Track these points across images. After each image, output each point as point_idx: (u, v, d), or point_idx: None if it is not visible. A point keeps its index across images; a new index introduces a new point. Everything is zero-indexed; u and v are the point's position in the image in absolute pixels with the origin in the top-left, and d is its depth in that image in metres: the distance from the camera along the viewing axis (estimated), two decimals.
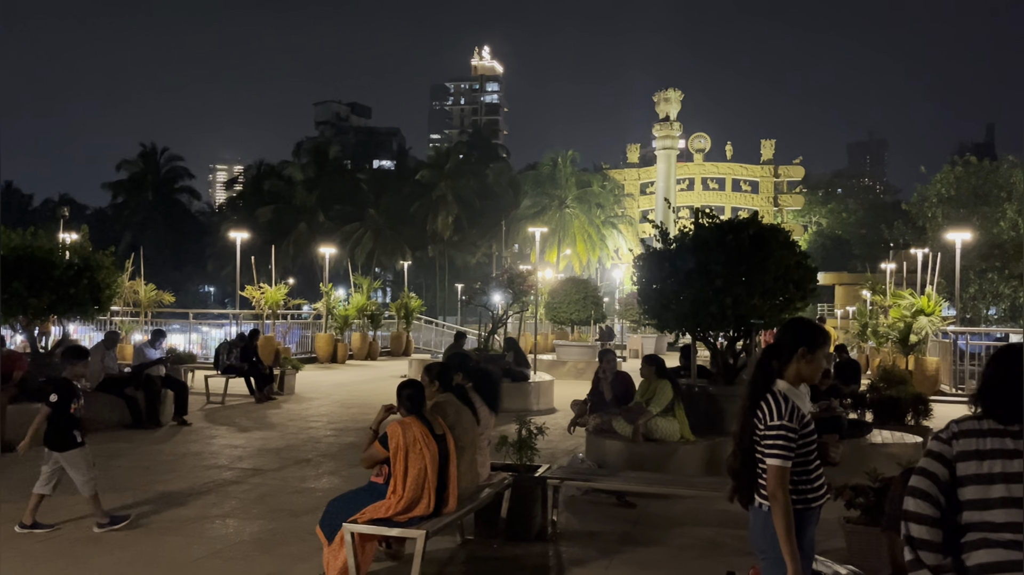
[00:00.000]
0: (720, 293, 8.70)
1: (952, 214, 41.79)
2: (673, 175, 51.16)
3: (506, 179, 62.38)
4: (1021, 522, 2.59)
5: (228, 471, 8.98)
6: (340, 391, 17.20)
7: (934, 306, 18.70)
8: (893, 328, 19.17)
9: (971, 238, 32.24)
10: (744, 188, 54.69)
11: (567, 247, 53.72)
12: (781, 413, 3.21)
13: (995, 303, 42.63)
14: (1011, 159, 44.70)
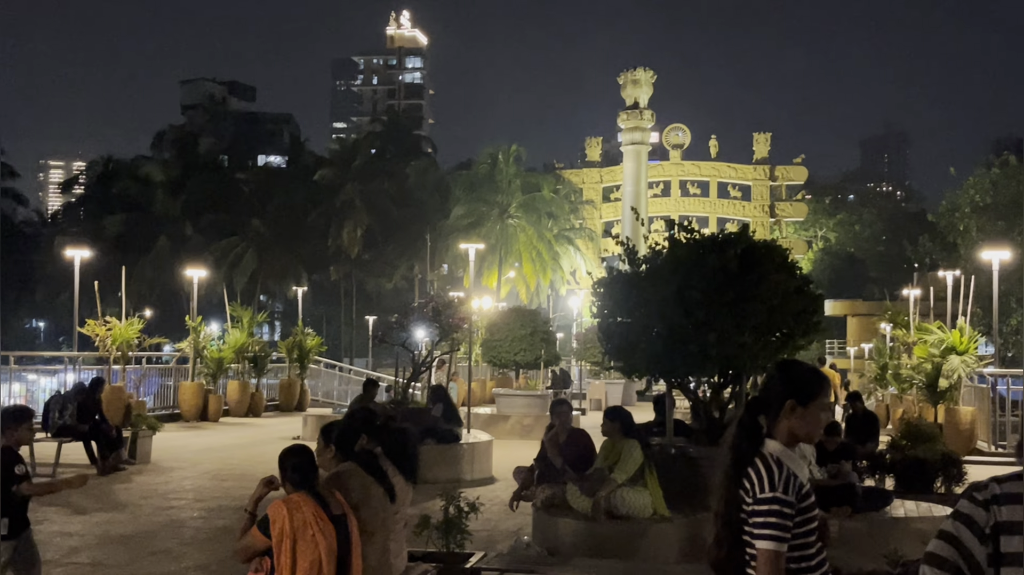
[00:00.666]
0: (701, 328, 8.82)
1: (988, 227, 43.32)
2: (644, 177, 52.01)
3: (432, 181, 62.59)
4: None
5: (58, 568, 8.72)
6: (211, 458, 16.88)
7: (968, 342, 19.26)
8: (919, 371, 19.69)
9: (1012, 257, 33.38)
10: (733, 194, 55.91)
11: (511, 268, 54.05)
12: (774, 483, 3.22)
13: None
14: None
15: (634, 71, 51.21)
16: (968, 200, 46.59)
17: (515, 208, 54.43)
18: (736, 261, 9.02)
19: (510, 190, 54.78)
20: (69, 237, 48.66)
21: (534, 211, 54.33)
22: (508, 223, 54.27)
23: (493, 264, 53.15)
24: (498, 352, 26.38)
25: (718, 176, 55.79)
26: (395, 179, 63.39)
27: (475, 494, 7.97)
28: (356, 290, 64.91)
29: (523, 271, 54.12)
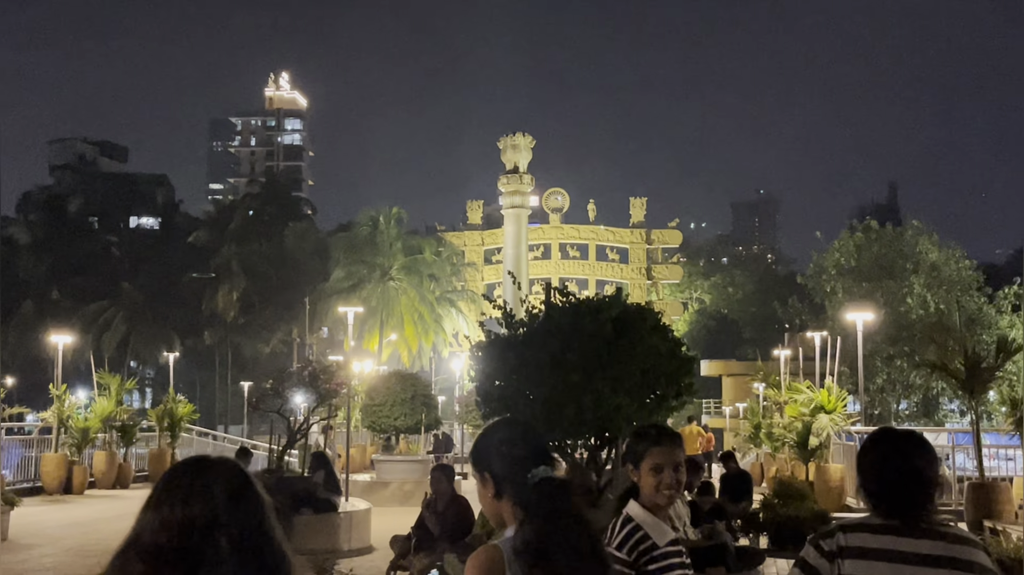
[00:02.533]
0: (578, 391, 8.92)
1: (853, 289, 45.09)
2: (524, 239, 52.62)
3: (311, 243, 62.04)
4: None
5: None
6: (74, 534, 16.18)
7: (836, 401, 19.96)
8: (790, 429, 20.26)
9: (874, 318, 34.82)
10: (611, 256, 57.05)
11: (392, 331, 53.68)
12: (611, 539, 3.32)
13: (906, 395, 46.06)
14: (917, 224, 49.02)
15: (513, 136, 52.03)
16: (834, 263, 48.38)
17: (397, 270, 54.33)
18: (611, 325, 9.19)
19: (391, 252, 54.68)
20: None
21: (416, 273, 54.30)
22: (389, 285, 54.06)
23: (374, 327, 52.68)
24: (378, 417, 26.05)
25: (596, 239, 56.89)
26: (273, 241, 62.62)
27: (351, 565, 7.84)
28: (232, 355, 63.43)
29: (405, 334, 53.83)
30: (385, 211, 56.36)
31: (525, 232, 52.83)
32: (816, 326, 35.55)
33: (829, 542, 2.94)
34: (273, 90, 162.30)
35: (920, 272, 46.15)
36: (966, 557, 2.82)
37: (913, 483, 2.95)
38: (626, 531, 3.32)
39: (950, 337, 19.88)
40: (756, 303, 62.07)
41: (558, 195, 57.45)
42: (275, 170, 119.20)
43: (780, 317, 51.09)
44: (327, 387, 16.49)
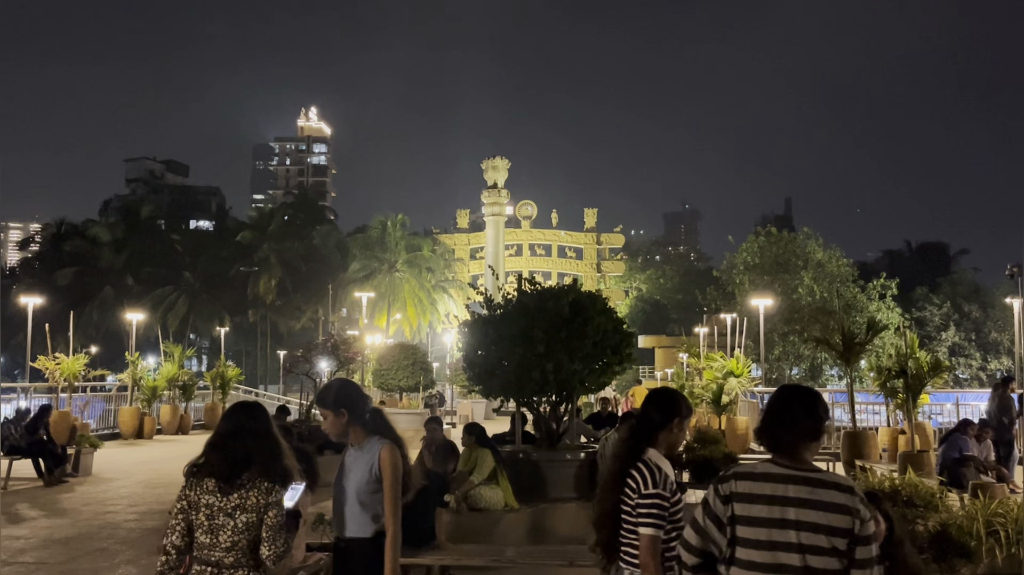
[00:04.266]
0: (542, 359, 8.93)
1: (757, 281, 45.35)
2: (501, 241, 52.46)
3: (333, 242, 61.55)
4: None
5: (6, 567, 8.07)
6: (145, 470, 16.00)
7: (742, 368, 20.05)
8: (707, 389, 20.35)
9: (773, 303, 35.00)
10: (569, 254, 57.00)
11: (397, 311, 53.47)
12: (656, 481, 3.25)
13: (797, 363, 46.42)
14: (806, 231, 49.43)
15: (494, 159, 51.79)
16: (742, 260, 48.64)
17: (401, 264, 54.06)
18: (568, 307, 9.19)
19: (397, 250, 54.40)
20: (24, 287, 45.60)
21: (416, 266, 54.05)
22: (395, 276, 53.81)
23: (383, 308, 52.51)
24: (385, 379, 26.00)
25: (558, 241, 56.81)
26: (304, 241, 62.09)
27: None
28: (270, 330, 62.92)
29: (407, 314, 53.62)
30: (392, 217, 56.06)
31: (502, 235, 52.67)
32: (728, 310, 35.73)
33: (725, 487, 2.83)
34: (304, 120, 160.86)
35: (809, 268, 46.45)
36: (832, 499, 2.70)
37: (787, 427, 2.82)
38: (663, 476, 3.28)
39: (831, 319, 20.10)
40: (682, 291, 62.24)
41: (528, 206, 57.29)
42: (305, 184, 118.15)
43: (700, 302, 51.28)
44: (346, 355, 16.44)
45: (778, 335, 44.14)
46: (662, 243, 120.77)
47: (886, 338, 32.12)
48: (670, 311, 61.52)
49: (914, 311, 49.05)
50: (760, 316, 24.06)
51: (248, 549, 3.32)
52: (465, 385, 27.37)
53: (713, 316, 38.78)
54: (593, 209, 57.74)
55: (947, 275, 54.25)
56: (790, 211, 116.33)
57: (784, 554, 2.71)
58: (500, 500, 8.28)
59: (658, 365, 50.37)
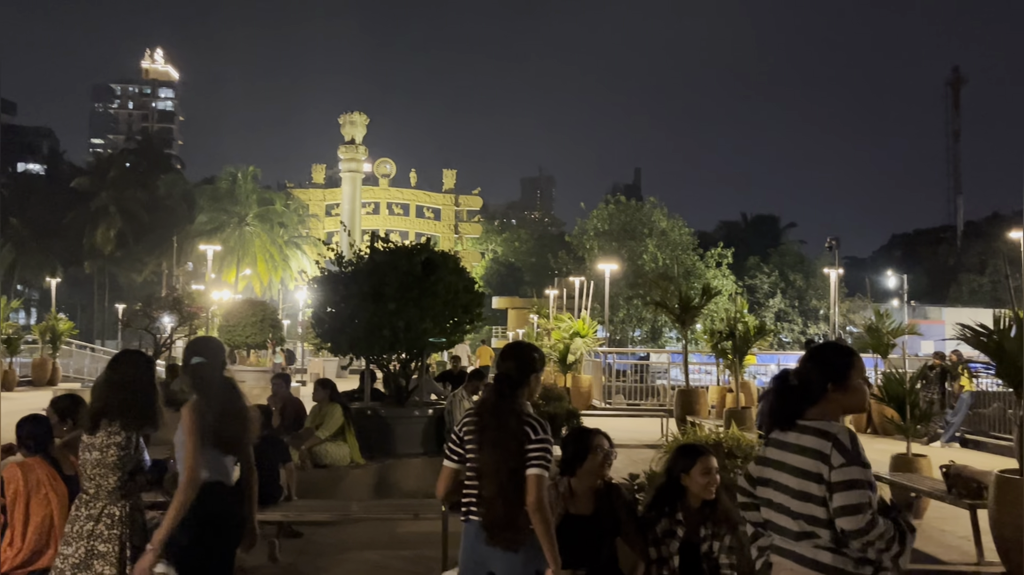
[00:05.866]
0: (393, 317, 8.87)
1: (606, 247, 46.82)
2: (358, 198, 51.42)
3: (180, 192, 58.22)
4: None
5: None
6: None
7: (588, 329, 20.71)
8: (555, 349, 20.89)
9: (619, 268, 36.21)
10: (428, 215, 56.64)
11: (247, 267, 51.46)
12: (544, 428, 3.41)
13: (639, 326, 48.47)
14: (653, 200, 51.41)
15: (352, 114, 50.41)
16: (593, 227, 50.02)
17: (252, 218, 51.89)
18: (420, 266, 9.15)
19: (248, 203, 52.14)
20: None
21: (268, 221, 52.05)
22: (245, 230, 51.62)
23: (232, 263, 50.37)
24: (232, 335, 25.02)
25: (416, 201, 56.26)
26: (147, 189, 58.37)
27: None
28: (109, 282, 59.10)
29: (258, 269, 51.69)
30: (243, 169, 53.59)
31: (359, 192, 51.61)
32: (578, 273, 36.70)
33: (759, 453, 3.06)
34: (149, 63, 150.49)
35: (653, 236, 48.36)
36: (807, 444, 2.80)
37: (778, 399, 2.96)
38: (547, 427, 3.45)
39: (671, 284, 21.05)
40: (535, 255, 63.29)
41: (387, 163, 56.27)
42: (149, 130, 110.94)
43: (552, 266, 52.38)
44: (189, 310, 15.70)
45: (623, 299, 45.82)
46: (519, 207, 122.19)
47: (720, 303, 34.04)
48: (524, 274, 62.51)
49: (746, 279, 52.20)
50: (606, 280, 24.88)
51: (106, 483, 3.71)
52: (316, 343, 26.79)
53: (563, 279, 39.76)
54: (452, 170, 57.53)
55: (776, 246, 57.98)
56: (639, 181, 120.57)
57: (771, 491, 2.90)
58: (346, 456, 8.23)
59: (511, 325, 51.21)
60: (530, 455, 3.32)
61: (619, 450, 4.48)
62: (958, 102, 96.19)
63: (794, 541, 2.84)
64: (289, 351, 31.00)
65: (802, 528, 2.82)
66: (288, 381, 9.58)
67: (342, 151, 50.83)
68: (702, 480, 3.96)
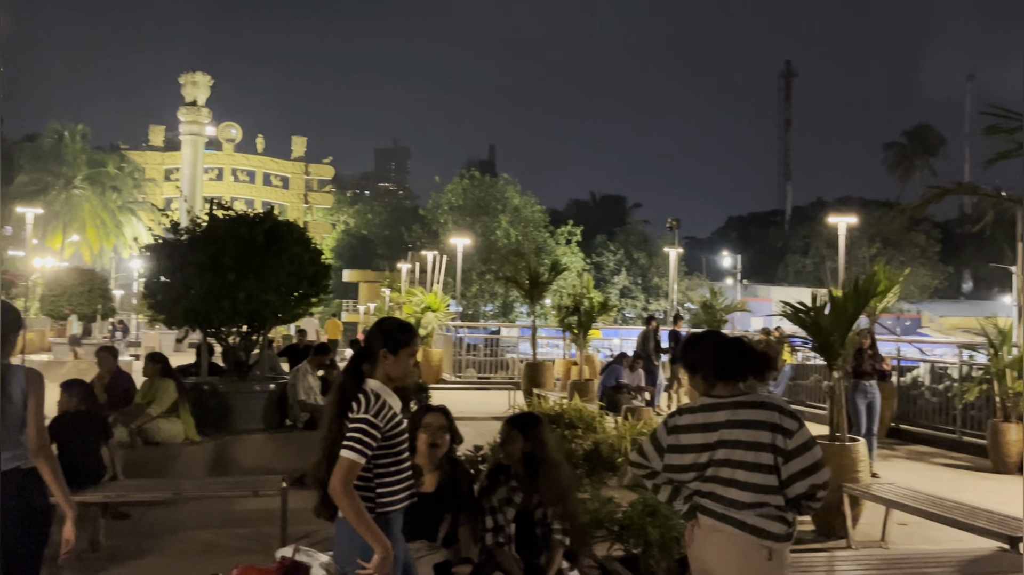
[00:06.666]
0: (232, 288, 8.51)
1: (460, 221, 46.95)
2: (200, 163, 48.89)
3: None
4: None
5: None
6: None
7: (440, 303, 20.77)
8: None
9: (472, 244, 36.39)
10: (275, 183, 54.63)
11: (75, 233, 47.82)
12: (368, 407, 3.12)
13: (491, 300, 49.04)
14: (506, 177, 52.00)
15: (194, 74, 47.68)
16: (447, 201, 50.02)
17: (80, 180, 48.08)
18: (263, 235, 8.82)
19: (76, 164, 48.21)
20: None
21: (99, 184, 48.39)
22: (73, 193, 47.78)
23: (57, 228, 46.59)
24: (56, 305, 23.26)
25: (264, 168, 54.13)
26: None
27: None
28: None
29: (87, 236, 48.08)
30: (71, 127, 49.49)
31: (201, 157, 49.02)
32: (431, 248, 36.62)
33: (671, 421, 3.19)
34: None
35: (507, 212, 48.93)
36: (754, 418, 3.05)
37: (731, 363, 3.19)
38: (379, 404, 3.14)
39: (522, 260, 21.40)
40: (389, 227, 62.53)
41: (232, 128, 53.71)
42: None
43: (406, 239, 52.00)
44: (5, 278, 14.41)
45: (476, 274, 46.16)
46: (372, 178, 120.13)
47: (569, 279, 34.97)
48: (377, 246, 61.69)
49: (594, 256, 53.87)
50: (459, 255, 24.98)
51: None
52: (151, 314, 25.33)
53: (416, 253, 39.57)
54: (302, 138, 55.71)
55: (623, 226, 60.11)
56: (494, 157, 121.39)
57: (715, 468, 3.05)
58: (180, 433, 7.86)
59: (362, 299, 50.52)
60: (347, 434, 3.11)
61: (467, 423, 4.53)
62: (789, 94, 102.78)
63: (738, 511, 3.02)
64: (122, 322, 29.18)
65: (752, 498, 3.00)
66: (115, 354, 9.00)
67: (183, 113, 48.08)
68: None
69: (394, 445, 3.17)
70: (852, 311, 6.95)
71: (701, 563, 3.13)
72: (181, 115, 48.28)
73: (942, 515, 5.83)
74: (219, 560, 5.78)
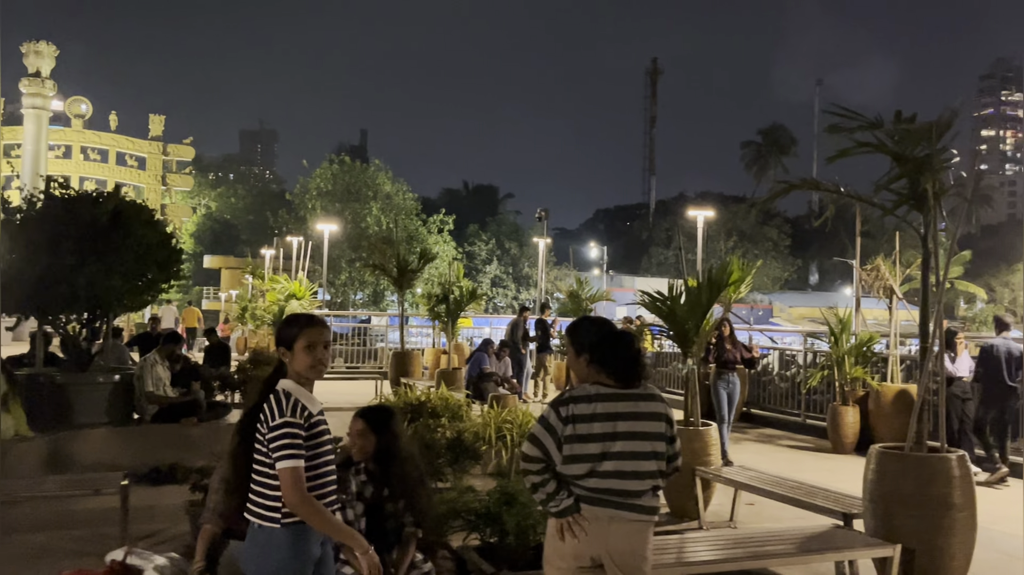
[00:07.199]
0: (72, 272, 7.92)
1: (329, 207, 45.90)
2: (44, 139, 45.41)
3: None
4: None
5: None
6: None
7: (305, 291, 20.19)
8: (268, 311, 20.14)
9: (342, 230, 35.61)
10: (131, 163, 51.51)
11: None
12: (283, 410, 2.84)
13: (361, 289, 48.26)
14: (377, 163, 51.29)
15: (37, 43, 44.21)
16: (316, 186, 48.83)
17: None
18: (107, 216, 8.26)
19: None
20: None
21: None
22: None
23: None
24: None
25: (117, 147, 50.88)
26: None
27: None
28: None
29: None
30: None
31: (46, 133, 45.50)
32: (299, 234, 35.59)
33: (564, 409, 3.14)
34: None
35: (378, 199, 48.27)
36: (652, 410, 3.25)
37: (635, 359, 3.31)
38: (291, 403, 2.86)
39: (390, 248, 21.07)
40: (254, 212, 60.37)
41: (81, 103, 50.18)
42: None
43: (272, 225, 50.40)
44: None
45: (346, 261, 45.31)
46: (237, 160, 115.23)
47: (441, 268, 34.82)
48: (241, 232, 59.50)
49: (466, 245, 54.00)
50: (325, 241, 24.39)
51: None
52: None
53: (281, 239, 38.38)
54: (160, 116, 52.73)
55: (495, 215, 60.52)
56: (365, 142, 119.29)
57: (616, 462, 3.15)
58: (10, 427, 7.24)
59: (224, 286, 48.58)
60: (272, 444, 2.82)
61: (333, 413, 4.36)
62: (655, 91, 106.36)
63: (637, 498, 3.21)
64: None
65: (648, 484, 3.24)
66: None
67: (25, 84, 44.48)
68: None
69: (312, 447, 2.88)
70: (706, 300, 7.21)
71: (597, 551, 3.19)
72: (23, 86, 44.68)
73: (785, 495, 6.14)
74: (51, 564, 5.35)
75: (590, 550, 3.19)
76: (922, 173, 5.20)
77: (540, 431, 3.20)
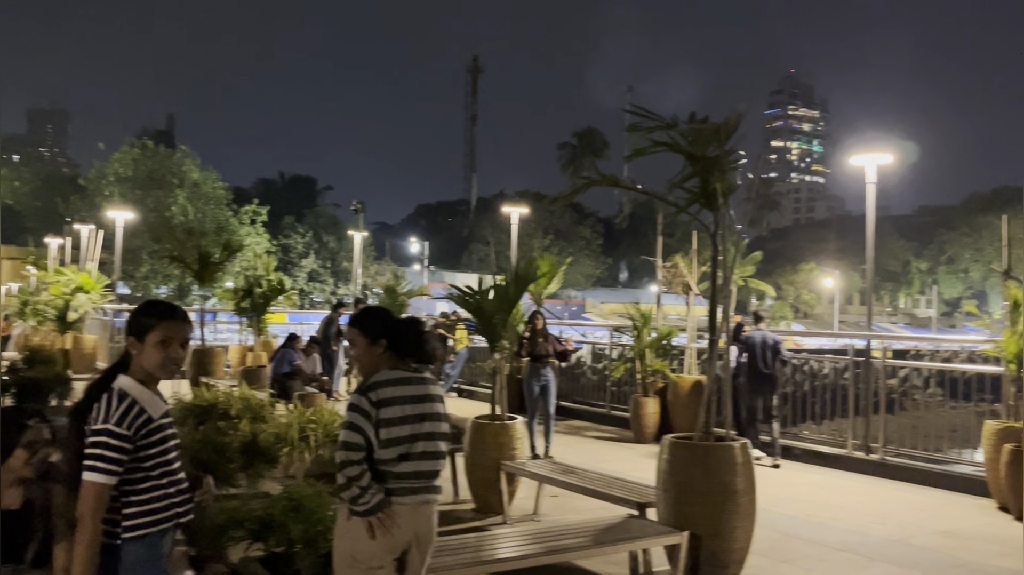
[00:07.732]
0: None
1: (129, 194, 42.68)
2: None
3: None
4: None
5: None
6: None
7: (96, 284, 18.60)
8: (51, 305, 18.39)
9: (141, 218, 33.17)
10: None
11: None
12: (109, 414, 2.46)
13: (166, 282, 45.20)
14: (184, 149, 48.23)
15: None
16: (114, 171, 45.35)
17: None
18: None
19: None
20: None
21: None
22: None
23: None
24: None
25: None
26: None
27: None
28: None
29: None
30: None
31: None
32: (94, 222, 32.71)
33: (374, 394, 3.17)
34: None
35: (184, 187, 45.50)
36: (437, 393, 3.40)
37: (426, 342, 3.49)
38: (123, 407, 2.46)
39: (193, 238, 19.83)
40: (42, 198, 55.02)
41: None
42: None
43: (63, 212, 46.17)
44: None
45: (147, 252, 42.35)
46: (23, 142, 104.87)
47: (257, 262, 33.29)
48: (26, 219, 54.13)
49: (282, 238, 52.02)
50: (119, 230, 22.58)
51: None
52: None
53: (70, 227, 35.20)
54: None
55: (312, 207, 58.72)
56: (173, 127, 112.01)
57: (425, 442, 3.25)
58: None
59: (4, 278, 43.91)
60: (86, 451, 2.47)
61: None
62: (476, 88, 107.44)
63: (436, 479, 3.34)
64: None
65: (443, 464, 3.40)
66: None
67: None
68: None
69: (148, 457, 2.54)
70: (513, 295, 7.20)
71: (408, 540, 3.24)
72: None
73: (585, 487, 6.22)
74: None
75: (402, 542, 3.22)
76: (712, 173, 5.41)
77: (356, 418, 3.18)
